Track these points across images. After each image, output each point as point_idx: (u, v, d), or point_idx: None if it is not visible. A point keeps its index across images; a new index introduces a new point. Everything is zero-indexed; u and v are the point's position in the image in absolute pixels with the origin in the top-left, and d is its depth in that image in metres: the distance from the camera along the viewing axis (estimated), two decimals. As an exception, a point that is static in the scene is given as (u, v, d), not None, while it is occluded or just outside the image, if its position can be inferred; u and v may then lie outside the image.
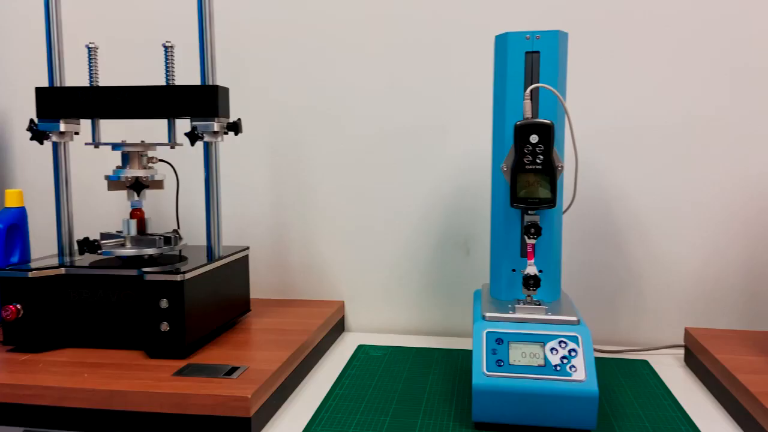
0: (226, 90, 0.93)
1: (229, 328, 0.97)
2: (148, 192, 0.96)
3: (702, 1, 0.99)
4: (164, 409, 0.73)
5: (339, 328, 1.12)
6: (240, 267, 1.01)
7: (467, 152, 1.08)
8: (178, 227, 1.05)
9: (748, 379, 0.76)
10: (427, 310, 1.13)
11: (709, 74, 1.00)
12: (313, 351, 0.96)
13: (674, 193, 1.03)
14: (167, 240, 0.93)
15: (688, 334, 0.96)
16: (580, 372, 0.71)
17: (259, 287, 1.17)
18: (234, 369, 0.79)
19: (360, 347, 1.04)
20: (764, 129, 0.99)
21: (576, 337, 0.73)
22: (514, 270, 0.84)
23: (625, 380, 0.89)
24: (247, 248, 1.03)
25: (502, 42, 0.82)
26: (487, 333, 0.75)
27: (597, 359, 0.98)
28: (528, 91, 0.77)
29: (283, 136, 1.14)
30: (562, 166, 0.79)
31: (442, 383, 0.88)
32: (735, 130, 1.00)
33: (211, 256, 0.94)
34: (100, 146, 0.94)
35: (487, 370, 0.72)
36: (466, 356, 0.99)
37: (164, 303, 0.83)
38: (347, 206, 1.14)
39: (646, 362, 0.97)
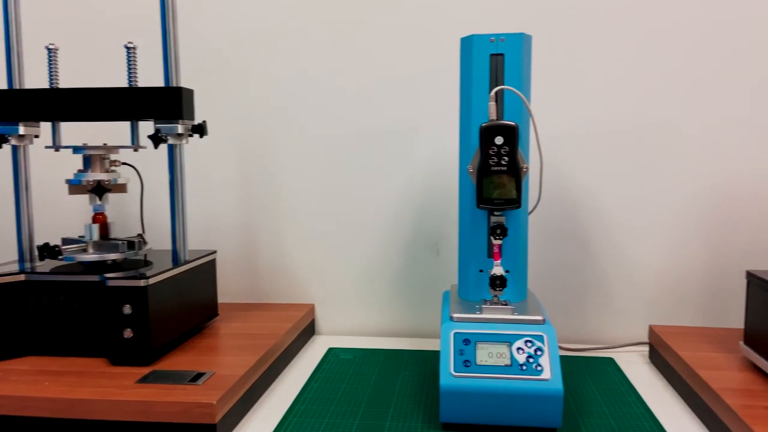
0: (190, 92, 0.92)
1: (196, 334, 0.96)
2: (111, 196, 0.94)
3: (665, 5, 1.01)
4: (127, 417, 0.72)
5: (309, 331, 1.12)
6: (207, 271, 1.00)
7: (437, 153, 1.09)
8: (143, 231, 1.03)
9: (709, 375, 0.78)
10: (397, 312, 1.13)
11: (672, 77, 1.03)
12: (282, 355, 0.96)
13: (638, 194, 1.05)
14: (131, 245, 0.91)
15: (652, 331, 0.98)
16: (546, 371, 0.71)
17: (227, 291, 1.16)
18: (199, 375, 0.78)
19: (330, 350, 1.04)
20: (724, 131, 1.02)
21: (542, 337, 0.74)
22: (481, 271, 0.85)
23: (591, 378, 0.90)
24: (215, 252, 1.02)
25: (467, 44, 0.82)
26: (455, 334, 0.76)
27: (564, 357, 0.99)
28: (493, 93, 0.78)
29: (252, 138, 1.13)
30: (527, 168, 0.80)
31: (412, 385, 0.88)
32: (696, 131, 1.03)
33: (176, 261, 0.93)
34: (61, 149, 0.92)
35: (455, 371, 0.73)
36: (436, 357, 0.99)
37: (127, 309, 0.81)
38: (317, 208, 1.13)
39: (611, 360, 0.98)
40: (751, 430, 0.64)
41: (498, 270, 0.78)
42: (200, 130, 0.92)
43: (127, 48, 0.91)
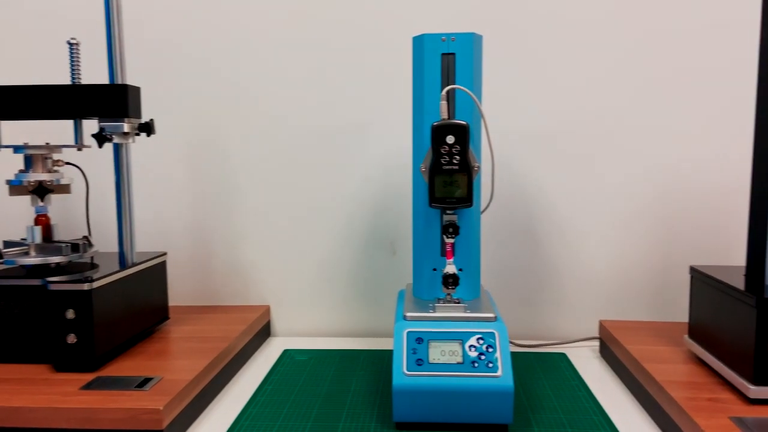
0: (137, 89, 0.90)
1: (145, 338, 0.94)
2: (55, 197, 0.91)
3: (611, 6, 1.04)
4: (71, 425, 0.69)
5: (264, 333, 1.11)
6: (156, 273, 0.97)
7: (392, 152, 1.09)
8: (89, 234, 1.00)
9: (654, 368, 0.80)
10: (354, 312, 1.13)
11: (620, 77, 1.05)
12: (236, 358, 0.94)
13: (587, 192, 1.07)
14: (75, 247, 0.89)
15: (602, 326, 1.00)
16: (497, 367, 0.72)
17: (179, 294, 1.14)
18: (147, 380, 0.76)
19: (285, 352, 1.03)
20: (669, 130, 1.05)
21: (493, 334, 0.75)
22: (435, 269, 0.85)
23: (544, 373, 0.92)
24: (164, 254, 1.00)
25: (419, 43, 0.82)
26: (408, 333, 0.76)
27: (517, 354, 1.00)
28: (444, 92, 0.79)
29: (203, 137, 1.11)
30: (478, 166, 0.81)
31: (367, 385, 0.88)
32: (642, 131, 1.05)
33: (123, 263, 0.90)
34: (1, 149, 0.89)
35: (407, 370, 0.73)
36: (391, 356, 0.99)
37: (70, 314, 0.79)
38: (271, 208, 1.12)
39: (564, 355, 1.00)
40: (694, 421, 0.66)
41: (450, 268, 0.79)
42: (147, 128, 0.90)
43: (70, 44, 0.88)
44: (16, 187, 0.88)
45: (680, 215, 1.06)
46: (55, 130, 1.09)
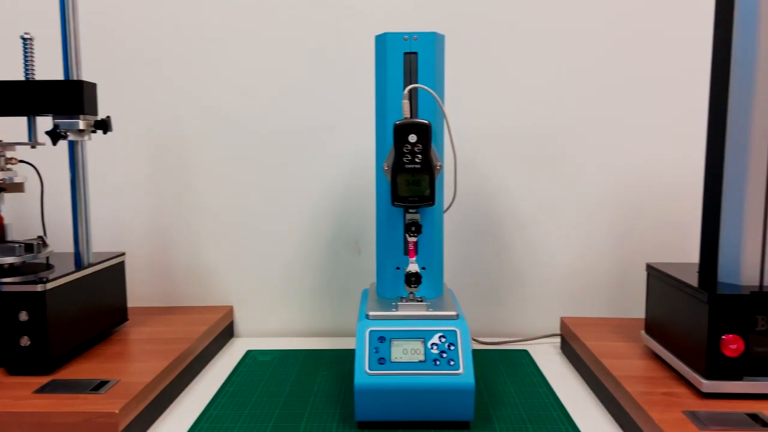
0: (93, 85, 0.88)
1: (103, 340, 0.92)
2: (8, 196, 0.88)
3: (575, 9, 1.05)
4: (23, 429, 0.67)
5: (227, 333, 1.09)
6: (114, 274, 0.95)
7: (357, 151, 1.09)
8: (44, 234, 0.97)
9: (612, 363, 0.81)
10: (319, 312, 1.12)
11: (578, 79, 1.07)
12: (197, 359, 0.93)
13: (549, 191, 1.09)
14: (29, 247, 0.86)
15: (563, 323, 1.02)
16: (458, 365, 0.72)
17: (140, 295, 1.12)
18: (103, 383, 0.75)
19: (248, 352, 1.02)
20: (629, 130, 1.07)
21: (454, 332, 0.75)
22: (398, 268, 0.85)
23: (506, 370, 0.93)
24: (123, 254, 0.98)
25: (382, 42, 0.82)
26: (370, 332, 0.76)
27: (480, 351, 1.01)
28: (406, 91, 0.79)
29: (164, 135, 1.09)
30: (440, 165, 0.82)
31: (330, 384, 0.88)
32: (602, 130, 1.08)
33: (79, 264, 0.88)
34: (-51, 146, 0.86)
35: (369, 369, 0.73)
36: (355, 356, 0.99)
37: (24, 316, 0.77)
38: (234, 207, 1.11)
39: (526, 352, 1.01)
40: (648, 415, 0.67)
41: (413, 267, 0.79)
42: (104, 126, 0.88)
43: (24, 39, 0.85)
44: (-35, 186, 0.85)
45: (639, 214, 1.08)
46: (8, 127, 1.06)
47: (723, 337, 0.69)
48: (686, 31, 1.04)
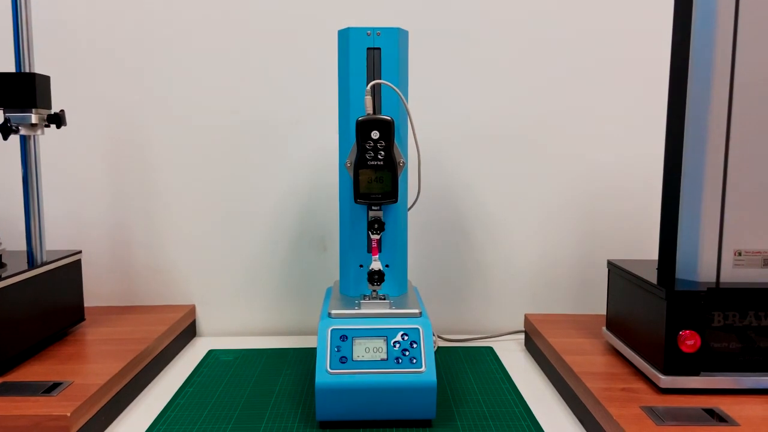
0: (46, 78, 0.85)
1: (58, 340, 0.89)
2: (-45, 192, 0.85)
3: (537, 7, 1.06)
4: (-31, 436, 0.65)
5: (189, 333, 1.07)
6: (70, 273, 0.93)
7: (322, 148, 1.08)
8: (-4, 231, 0.94)
9: (573, 360, 0.82)
10: (284, 310, 1.11)
11: (543, 79, 1.07)
12: (156, 360, 0.91)
13: (514, 189, 1.09)
14: (-22, 245, 0.83)
15: (527, 319, 1.03)
16: (420, 363, 0.72)
17: (98, 294, 1.09)
18: (56, 385, 0.72)
19: (210, 352, 1.00)
20: (593, 129, 1.08)
21: (417, 330, 0.75)
22: (361, 266, 0.85)
23: (470, 367, 0.93)
24: (79, 252, 0.95)
25: (345, 37, 0.81)
26: (332, 330, 0.75)
27: (445, 348, 1.01)
28: (369, 87, 0.78)
29: (122, 128, 1.07)
30: (404, 162, 0.81)
31: (293, 384, 0.87)
32: (567, 129, 1.08)
33: (32, 262, 0.85)
34: None
35: (331, 368, 0.72)
36: (319, 355, 0.98)
37: (-30, 316, 0.74)
38: (197, 205, 1.09)
39: (490, 348, 1.01)
40: (607, 411, 0.68)
41: (376, 265, 0.79)
42: (57, 120, 0.85)
43: (-29, 27, 0.82)
44: None
45: (602, 212, 1.10)
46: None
47: (680, 332, 0.70)
48: (648, 30, 1.05)
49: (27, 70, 0.84)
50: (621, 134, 1.08)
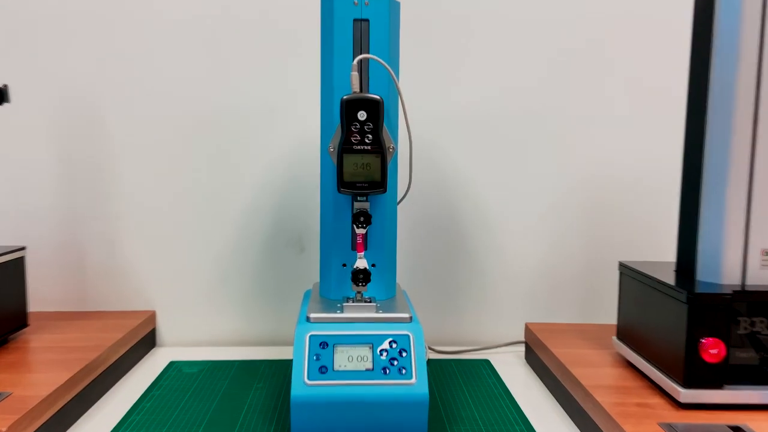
0: (-13, 47, 0.81)
1: (-4, 348, 0.85)
2: None
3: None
4: None
5: (148, 342, 1.05)
6: (11, 272, 0.89)
7: (300, 136, 1.06)
8: (-73, 223, 0.90)
9: (581, 372, 0.80)
10: (256, 317, 1.09)
11: (550, 63, 1.06)
12: (109, 371, 0.88)
13: (515, 184, 1.08)
14: None
15: (528, 329, 1.01)
16: (410, 374, 0.70)
17: (44, 298, 1.06)
18: (-10, 397, 0.68)
19: (172, 364, 0.98)
20: (602, 124, 1.07)
21: (407, 336, 0.73)
22: (344, 265, 0.83)
23: (465, 381, 0.91)
24: (22, 249, 0.91)
25: (328, 6, 0.79)
26: (311, 336, 0.73)
27: (437, 361, 0.99)
28: (355, 62, 0.76)
29: (76, 109, 1.04)
30: (393, 148, 0.79)
31: (265, 399, 0.84)
32: (575, 123, 1.07)
33: (-34, 258, 0.81)
34: None
35: (309, 379, 0.70)
36: (295, 367, 0.96)
37: None
38: (159, 197, 1.06)
39: (487, 361, 1.00)
40: (621, 428, 0.65)
41: (361, 263, 0.77)
42: (0, 96, 0.81)
43: None
44: None
45: (611, 210, 1.08)
46: None
47: (702, 340, 0.69)
48: (668, 15, 1.04)
49: (-35, 38, 0.80)
50: (634, 123, 1.07)
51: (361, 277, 0.76)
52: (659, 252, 1.05)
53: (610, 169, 1.08)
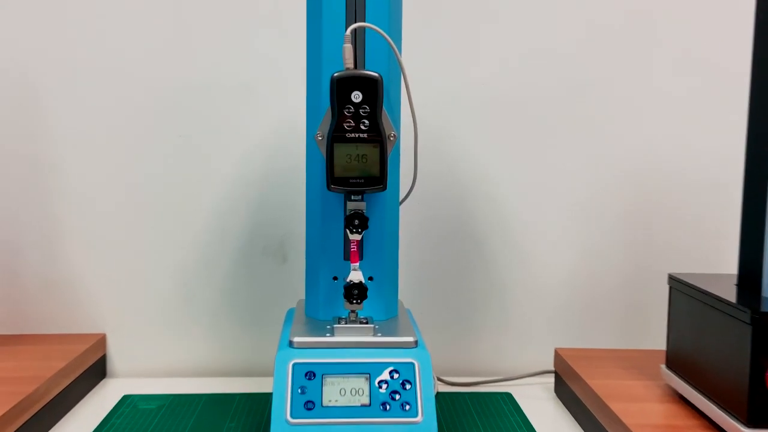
0: None
1: None
2: None
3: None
4: None
5: (97, 372, 1.06)
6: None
7: (282, 121, 1.07)
8: None
9: (623, 408, 0.80)
10: (227, 342, 1.10)
11: (588, 34, 1.07)
12: (50, 406, 0.89)
13: (543, 179, 1.09)
14: None
15: (558, 356, 1.02)
16: (416, 411, 0.71)
17: (-31, 317, 1.07)
18: None
19: (126, 398, 0.99)
20: (646, 105, 1.08)
21: (411, 365, 0.74)
22: (335, 278, 0.84)
23: (482, 419, 0.92)
24: (-56, 257, 0.92)
25: (316, -38, 0.80)
26: (294, 365, 0.74)
27: (446, 394, 1.00)
28: (348, 31, 0.76)
29: (6, 95, 1.05)
30: (395, 136, 0.80)
31: (239, 440, 0.85)
32: (616, 105, 1.08)
33: None
34: None
35: (292, 417, 0.71)
36: (275, 401, 0.96)
37: None
38: (109, 200, 1.07)
39: (508, 395, 1.01)
40: (672, 475, 0.66)
41: (356, 276, 0.77)
42: None
43: None
44: None
45: (658, 212, 1.09)
46: None
47: (770, 369, 0.69)
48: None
49: None
50: (687, 109, 1.08)
51: (356, 292, 0.77)
52: (718, 262, 1.06)
53: (658, 160, 1.08)
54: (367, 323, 0.78)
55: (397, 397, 0.72)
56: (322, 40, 0.80)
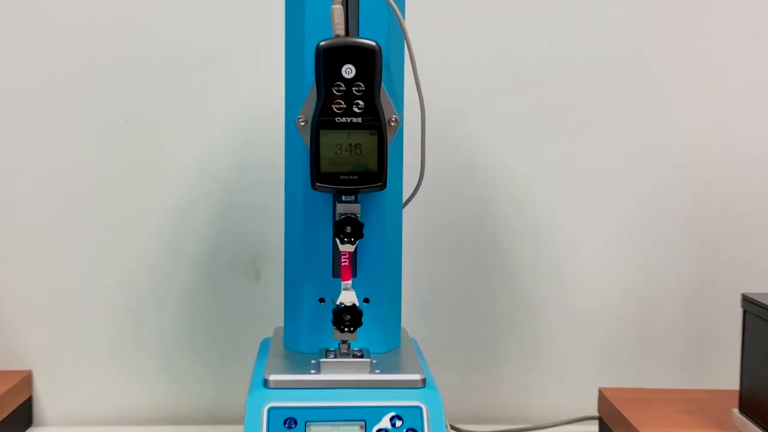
0: None
1: None
2: None
3: None
4: None
5: (21, 418, 1.07)
6: None
7: (254, 102, 1.08)
8: None
9: (685, 463, 0.81)
10: (186, 381, 1.12)
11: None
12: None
13: (581, 178, 1.09)
14: None
15: (603, 398, 1.02)
16: (423, 467, 0.71)
17: None
18: None
19: None
20: (711, 87, 1.08)
21: (418, 409, 0.74)
22: (322, 300, 0.85)
23: (507, 479, 0.91)
24: None
25: None
26: (270, 410, 0.74)
27: (464, 447, 1.00)
28: (339, -11, 0.77)
29: None
30: (396, 120, 0.80)
31: (200, 505, 0.85)
32: (670, 86, 1.08)
33: None
34: None
35: (269, 477, 0.71)
36: (246, 456, 0.97)
37: None
38: (40, 205, 1.09)
39: (540, 448, 1.01)
40: None
41: (348, 296, 0.77)
42: None
43: None
44: None
45: (728, 217, 1.10)
46: None
47: None
48: None
49: None
50: (758, 89, 1.09)
51: (348, 318, 0.77)
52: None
53: (726, 155, 1.09)
54: (362, 357, 0.78)
55: (401, 450, 0.72)
56: (305, 3, 0.80)
